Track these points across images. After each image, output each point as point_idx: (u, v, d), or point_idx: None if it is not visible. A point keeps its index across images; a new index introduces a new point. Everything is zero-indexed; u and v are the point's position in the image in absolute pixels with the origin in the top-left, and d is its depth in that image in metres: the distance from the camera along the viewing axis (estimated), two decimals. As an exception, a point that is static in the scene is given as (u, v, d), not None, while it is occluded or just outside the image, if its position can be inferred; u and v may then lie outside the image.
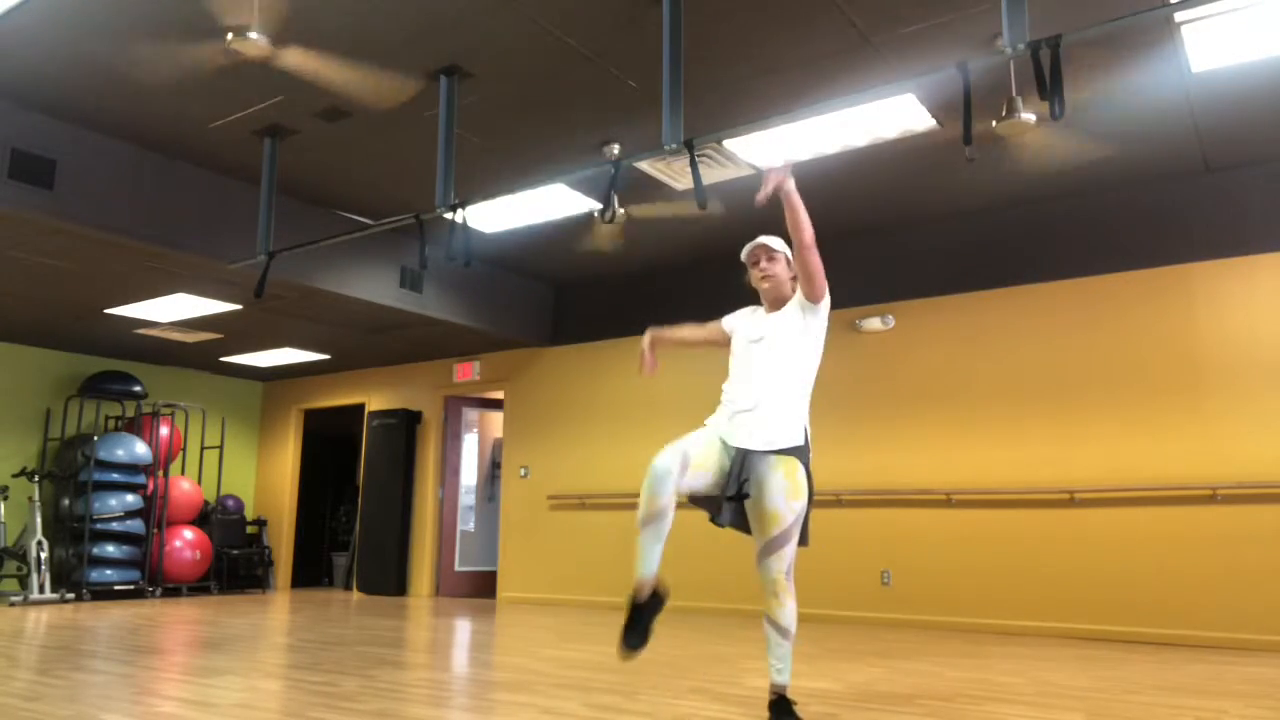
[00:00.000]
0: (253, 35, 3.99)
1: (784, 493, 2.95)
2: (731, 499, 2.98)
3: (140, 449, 8.72)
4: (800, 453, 3.03)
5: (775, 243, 3.19)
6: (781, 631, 3.00)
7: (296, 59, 4.43)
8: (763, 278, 3.17)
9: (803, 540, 3.04)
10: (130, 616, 6.79)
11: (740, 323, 3.26)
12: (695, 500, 3.07)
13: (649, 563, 2.90)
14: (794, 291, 3.16)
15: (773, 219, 7.12)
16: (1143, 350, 5.83)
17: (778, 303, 3.18)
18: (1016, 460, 6.14)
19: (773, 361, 3.08)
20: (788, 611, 2.98)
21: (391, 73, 4.58)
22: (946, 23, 4.10)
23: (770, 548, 2.96)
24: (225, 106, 4.98)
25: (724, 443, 3.04)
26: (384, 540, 9.26)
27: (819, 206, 6.37)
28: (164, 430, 9.06)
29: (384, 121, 5.13)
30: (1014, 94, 4.51)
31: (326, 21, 4.12)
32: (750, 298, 3.34)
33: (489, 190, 4.95)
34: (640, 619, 2.92)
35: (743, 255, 3.23)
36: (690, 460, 2.90)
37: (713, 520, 3.05)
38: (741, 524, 3.05)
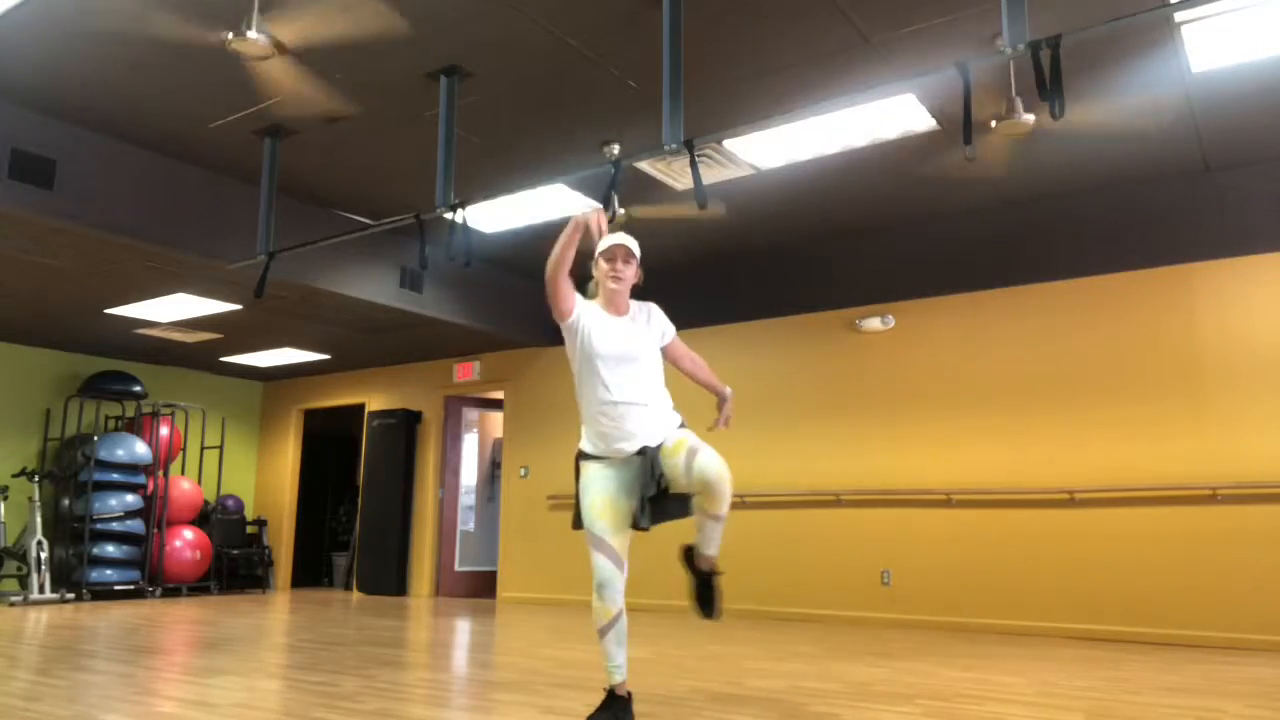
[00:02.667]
0: (253, 35, 3.99)
1: (677, 432, 3.10)
2: (655, 498, 3.03)
3: (140, 449, 8.72)
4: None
5: (634, 246, 3.18)
6: (719, 520, 3.09)
7: (296, 59, 4.43)
8: (614, 277, 3.14)
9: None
10: (130, 616, 6.79)
11: (588, 325, 3.16)
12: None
13: (621, 666, 3.03)
14: (628, 304, 3.22)
15: (779, 215, 7.08)
16: (1143, 350, 5.83)
17: (618, 308, 3.19)
18: (1016, 460, 6.14)
19: (645, 373, 3.16)
20: (728, 497, 3.01)
21: (391, 73, 4.58)
22: (946, 23, 4.10)
23: (693, 452, 2.98)
24: (225, 106, 4.98)
25: (616, 476, 3.09)
26: (384, 540, 9.26)
27: (819, 206, 6.42)
28: (164, 430, 9.06)
29: (384, 121, 5.13)
30: (1014, 94, 4.51)
31: (327, 21, 4.12)
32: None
33: (489, 190, 4.95)
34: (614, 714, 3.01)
35: (602, 245, 3.16)
36: (617, 547, 3.01)
37: (637, 527, 3.06)
38: (661, 517, 3.09)
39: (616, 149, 5.37)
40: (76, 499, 8.43)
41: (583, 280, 3.24)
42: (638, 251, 3.18)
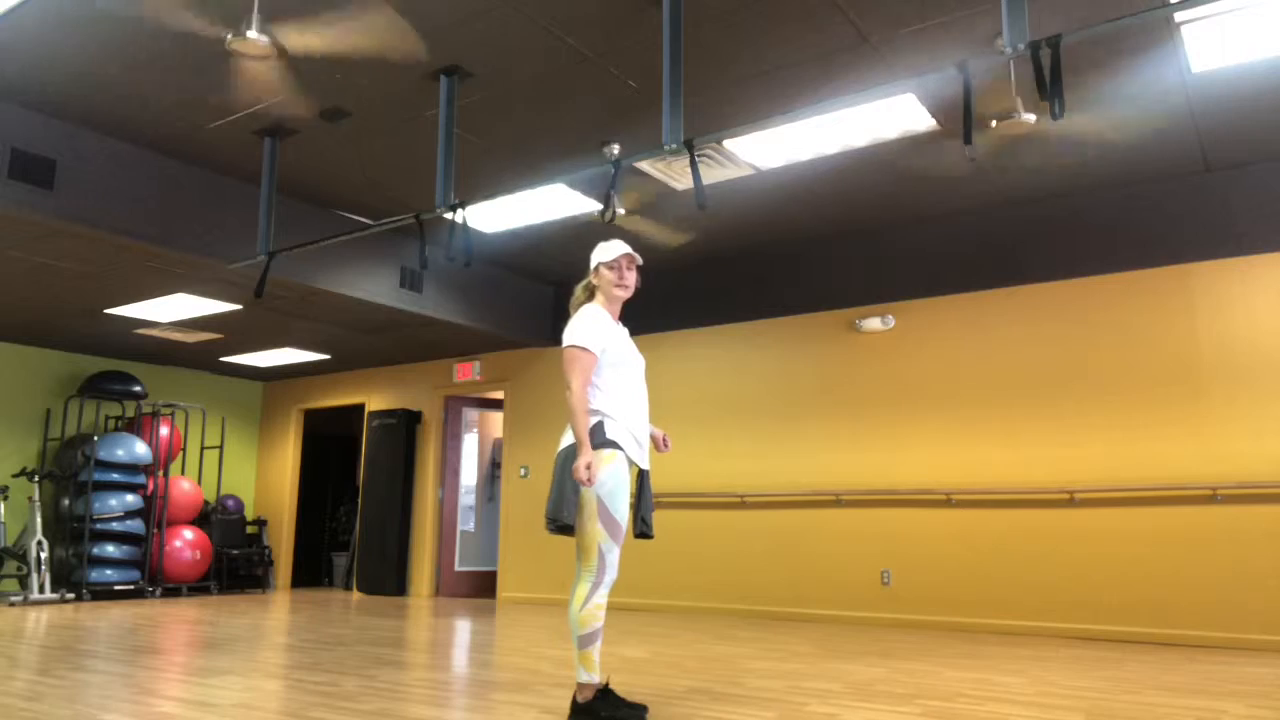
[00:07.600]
0: (253, 35, 3.99)
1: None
2: (641, 536, 3.18)
3: (140, 449, 8.72)
4: None
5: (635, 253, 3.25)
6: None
7: (296, 58, 4.43)
8: (624, 286, 3.21)
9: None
10: (130, 616, 6.79)
11: (614, 335, 3.16)
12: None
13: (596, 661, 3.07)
14: None
15: (779, 215, 7.07)
16: (1143, 350, 5.83)
17: (618, 316, 3.25)
18: (1016, 460, 6.14)
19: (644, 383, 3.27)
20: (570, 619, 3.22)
21: (391, 73, 4.58)
22: (946, 23, 4.10)
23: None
24: (225, 106, 4.98)
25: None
26: (384, 540, 9.26)
27: (819, 206, 6.42)
28: (164, 430, 9.06)
29: (384, 121, 5.13)
30: (1014, 94, 4.52)
31: (327, 21, 4.11)
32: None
33: (489, 190, 4.95)
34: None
35: (608, 255, 3.18)
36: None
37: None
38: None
39: (616, 149, 5.37)
40: (76, 499, 8.43)
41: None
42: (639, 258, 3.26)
